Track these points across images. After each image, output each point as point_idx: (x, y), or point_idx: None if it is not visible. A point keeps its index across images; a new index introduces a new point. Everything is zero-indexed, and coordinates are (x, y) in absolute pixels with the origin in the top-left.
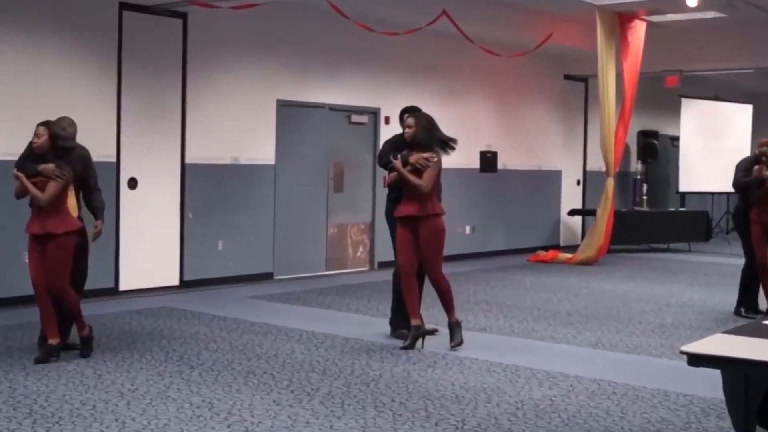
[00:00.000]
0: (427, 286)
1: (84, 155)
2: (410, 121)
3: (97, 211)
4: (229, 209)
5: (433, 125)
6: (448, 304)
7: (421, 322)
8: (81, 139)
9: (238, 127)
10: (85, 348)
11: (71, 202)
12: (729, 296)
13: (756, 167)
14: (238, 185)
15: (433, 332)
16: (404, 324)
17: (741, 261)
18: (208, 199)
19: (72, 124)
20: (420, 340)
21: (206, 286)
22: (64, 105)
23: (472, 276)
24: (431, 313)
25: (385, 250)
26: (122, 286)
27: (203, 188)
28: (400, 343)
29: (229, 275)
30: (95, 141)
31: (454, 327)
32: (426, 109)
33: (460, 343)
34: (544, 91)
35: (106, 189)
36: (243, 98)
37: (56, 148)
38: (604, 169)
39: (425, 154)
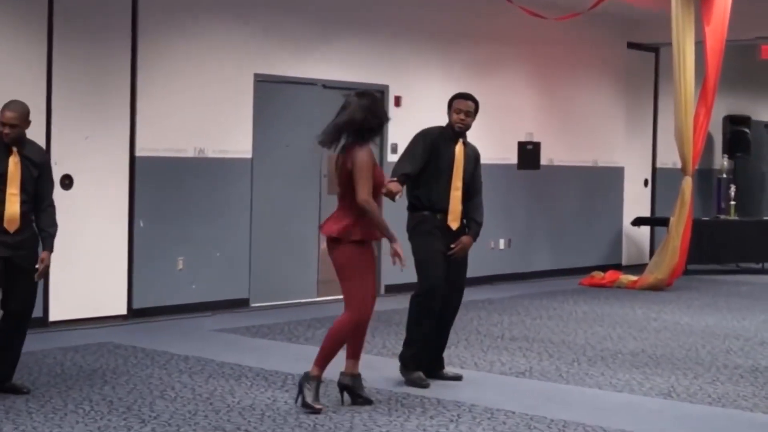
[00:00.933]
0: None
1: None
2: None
3: (45, 239)
4: (193, 216)
5: None
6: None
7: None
8: None
9: (204, 110)
10: None
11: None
12: None
13: None
14: (204, 185)
15: (456, 378)
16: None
17: None
18: (164, 203)
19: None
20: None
21: (162, 315)
22: None
23: (507, 304)
24: (453, 351)
25: (395, 271)
26: (53, 316)
27: (158, 189)
28: (413, 390)
29: (191, 302)
30: None
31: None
32: (448, 88)
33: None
34: (603, 64)
35: None
36: (211, 72)
37: None
38: (679, 165)
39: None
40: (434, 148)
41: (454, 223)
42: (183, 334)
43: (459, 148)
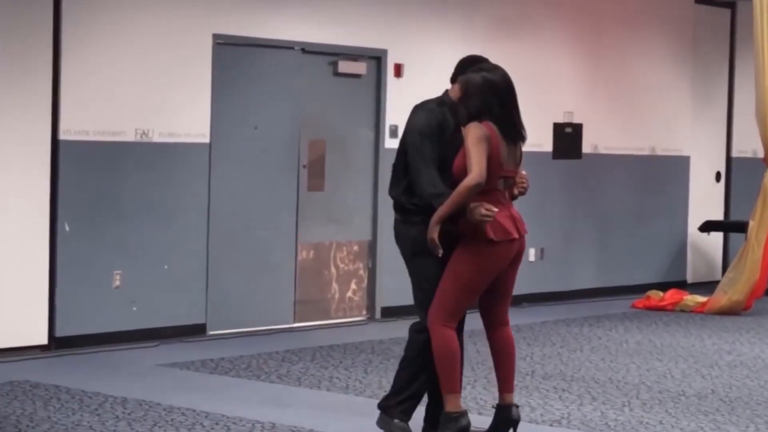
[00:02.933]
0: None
1: None
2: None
3: None
4: (133, 218)
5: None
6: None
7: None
8: None
9: (148, 82)
10: None
11: None
12: None
13: None
14: (149, 178)
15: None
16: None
17: None
18: (96, 201)
19: None
20: None
21: (93, 345)
22: None
23: (538, 332)
24: (470, 393)
25: (393, 289)
26: None
27: (89, 182)
28: None
29: (132, 328)
30: None
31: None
32: (464, 54)
33: None
34: (664, 23)
35: None
36: (157, 34)
37: None
38: (761, 154)
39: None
40: (439, 133)
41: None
42: (120, 369)
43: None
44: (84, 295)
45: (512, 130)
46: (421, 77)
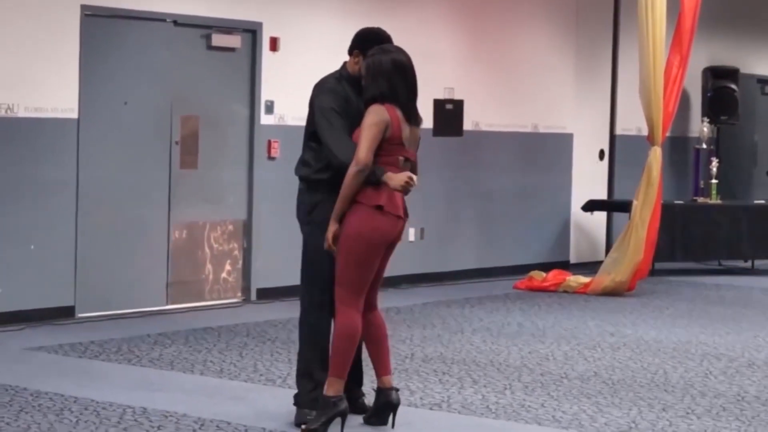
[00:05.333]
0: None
1: None
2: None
3: None
4: None
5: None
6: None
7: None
8: None
9: (13, 54)
10: None
11: None
12: None
13: None
14: (14, 155)
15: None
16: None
17: None
18: None
19: None
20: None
21: None
22: None
23: (418, 314)
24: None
25: (269, 270)
26: None
27: None
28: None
29: None
30: None
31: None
32: (342, 27)
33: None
34: (547, 1)
35: None
36: (22, 4)
37: None
38: (645, 132)
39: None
40: (344, 107)
41: None
42: None
43: None
44: None
45: (414, 113)
46: (298, 51)
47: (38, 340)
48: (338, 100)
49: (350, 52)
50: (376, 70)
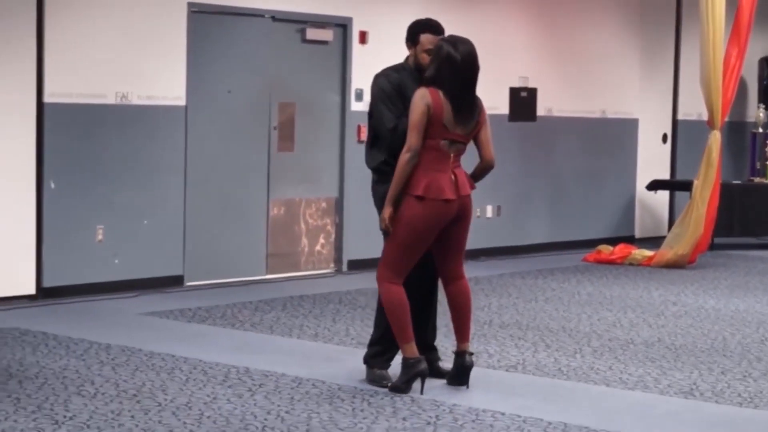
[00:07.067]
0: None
1: None
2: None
3: None
4: (115, 177)
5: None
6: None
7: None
8: None
9: (127, 47)
10: None
11: None
12: None
13: None
14: (129, 138)
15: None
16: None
17: None
18: (80, 161)
19: None
20: (419, 382)
21: (78, 296)
22: None
23: (496, 284)
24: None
25: (359, 243)
26: None
27: (73, 143)
28: (379, 390)
29: (114, 280)
30: None
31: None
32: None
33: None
34: None
35: None
36: (136, 3)
37: None
38: (705, 117)
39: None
40: (399, 95)
41: None
42: (104, 318)
43: None
44: (69, 249)
45: (462, 102)
46: (385, 44)
47: (151, 306)
48: (386, 87)
49: (407, 44)
50: (435, 56)
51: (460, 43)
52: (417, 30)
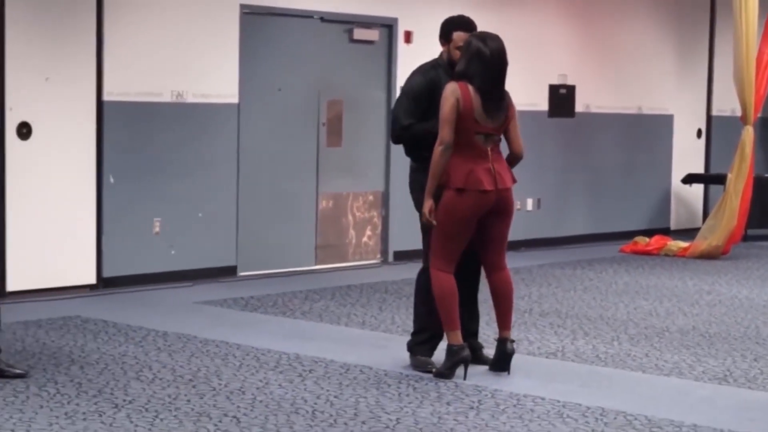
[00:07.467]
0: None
1: None
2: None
3: None
4: (171, 171)
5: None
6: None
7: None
8: None
9: (182, 48)
10: None
11: None
12: None
13: None
14: (184, 135)
15: (482, 358)
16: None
17: None
18: (138, 156)
19: None
20: (462, 368)
21: (136, 285)
22: None
23: (536, 274)
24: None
25: (404, 235)
26: (11, 286)
27: (131, 139)
28: (423, 375)
29: (170, 270)
30: None
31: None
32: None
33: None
34: None
35: None
36: (190, 4)
37: None
38: (739, 113)
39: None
40: (430, 91)
41: None
42: (161, 306)
43: None
44: (127, 240)
45: (492, 96)
46: (429, 43)
47: (205, 295)
48: (419, 83)
49: (440, 40)
50: (465, 51)
51: (489, 38)
52: (450, 28)
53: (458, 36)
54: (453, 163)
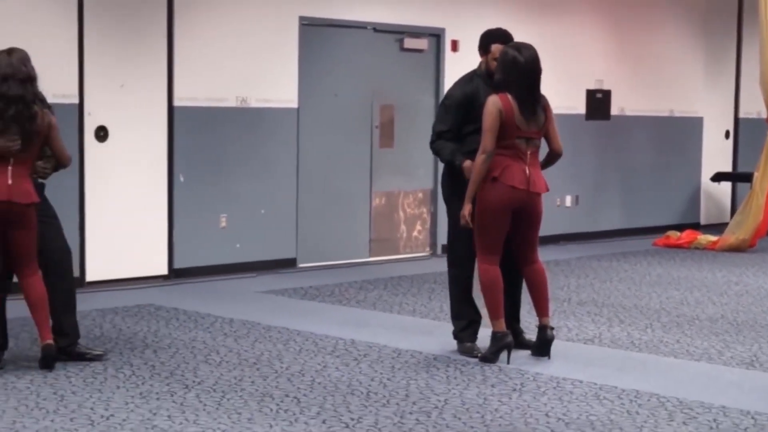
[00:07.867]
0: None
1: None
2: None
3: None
4: (236, 171)
5: (515, 69)
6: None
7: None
8: None
9: (246, 56)
10: (47, 360)
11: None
12: None
13: None
14: (248, 137)
15: (524, 343)
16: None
17: None
18: (205, 157)
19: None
20: (506, 353)
21: (204, 276)
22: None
23: (574, 266)
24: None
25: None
26: (90, 276)
27: (199, 141)
28: (469, 360)
29: (235, 262)
30: (49, 75)
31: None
32: (510, 31)
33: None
34: (679, 1)
35: (65, 141)
36: (253, 16)
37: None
38: (765, 115)
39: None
40: (470, 101)
41: None
42: (227, 295)
43: None
44: (196, 235)
45: (528, 103)
46: (474, 52)
47: (267, 285)
48: (458, 94)
49: (479, 52)
50: (501, 61)
51: (523, 48)
52: (489, 40)
53: (496, 48)
54: (494, 160)
